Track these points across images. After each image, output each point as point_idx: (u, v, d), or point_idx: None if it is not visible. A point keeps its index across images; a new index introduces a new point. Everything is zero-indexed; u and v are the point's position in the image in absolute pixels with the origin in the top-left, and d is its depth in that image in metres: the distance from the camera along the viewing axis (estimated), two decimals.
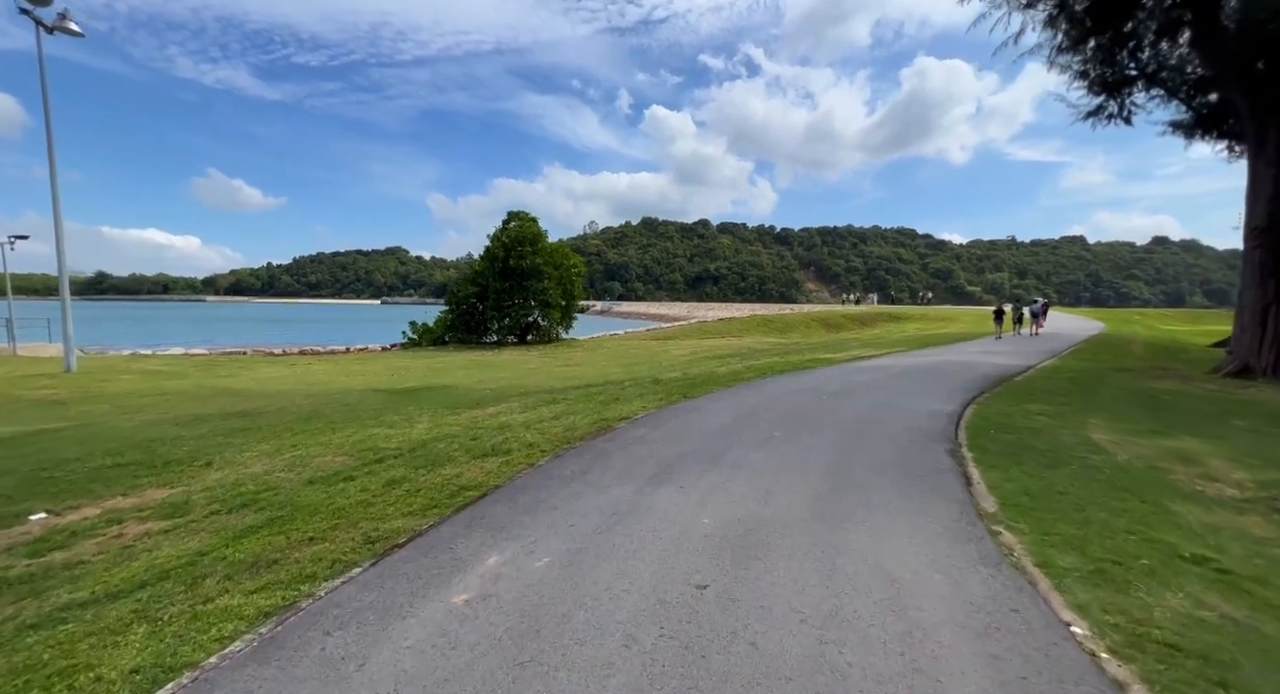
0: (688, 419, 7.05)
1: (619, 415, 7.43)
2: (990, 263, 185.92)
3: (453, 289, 26.20)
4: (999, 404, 8.39)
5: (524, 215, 26.53)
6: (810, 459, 5.16)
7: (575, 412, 8.16)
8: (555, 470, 4.92)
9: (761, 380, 10.81)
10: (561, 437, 6.29)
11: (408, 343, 25.14)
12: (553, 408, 8.84)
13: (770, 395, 8.84)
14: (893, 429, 6.50)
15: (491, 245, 25.71)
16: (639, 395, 9.47)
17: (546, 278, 25.06)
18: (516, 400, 10.22)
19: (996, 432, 6.56)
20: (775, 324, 33.67)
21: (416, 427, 7.81)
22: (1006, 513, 3.99)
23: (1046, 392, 9.62)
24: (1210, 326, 40.31)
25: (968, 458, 5.43)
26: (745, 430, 6.34)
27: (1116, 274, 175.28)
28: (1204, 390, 10.28)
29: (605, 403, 8.91)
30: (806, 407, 7.80)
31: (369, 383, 13.96)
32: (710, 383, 10.58)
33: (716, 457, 5.24)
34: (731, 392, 9.39)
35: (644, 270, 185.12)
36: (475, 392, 12.15)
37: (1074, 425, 7.06)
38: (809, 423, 6.73)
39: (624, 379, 13.07)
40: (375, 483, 4.81)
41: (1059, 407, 8.25)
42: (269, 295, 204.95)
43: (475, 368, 17.57)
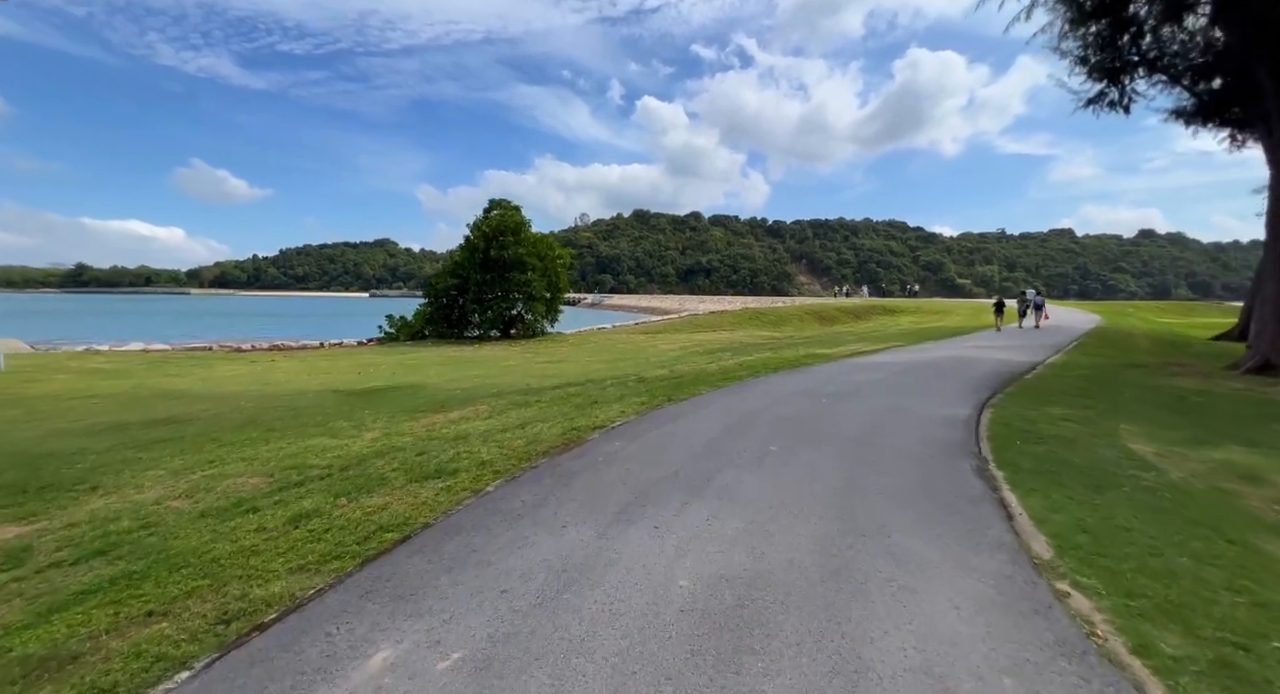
0: (671, 428, 6.15)
1: (593, 423, 6.52)
2: (980, 255, 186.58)
3: (431, 281, 25.05)
4: (1016, 407, 7.57)
5: (506, 204, 25.30)
6: (814, 484, 4.28)
7: (546, 418, 7.25)
8: (503, 501, 4.00)
9: (754, 379, 9.94)
10: (522, 452, 5.37)
11: (384, 338, 23.99)
12: (523, 412, 7.92)
13: (764, 398, 7.96)
14: (905, 441, 5.64)
15: (472, 235, 24.49)
16: (619, 398, 8.57)
17: (530, 269, 23.93)
18: (486, 403, 9.28)
19: (1023, 442, 5.72)
20: (768, 317, 32.86)
21: (364, 436, 6.86)
22: (1067, 561, 3.13)
23: (1064, 392, 8.83)
24: (1203, 319, 40.13)
25: (999, 479, 4.58)
26: (736, 444, 5.45)
27: (1104, 267, 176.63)
28: (1230, 389, 9.55)
29: (581, 407, 8.00)
30: (805, 412, 6.93)
31: (331, 382, 12.93)
32: (698, 383, 9.70)
33: (701, 481, 4.35)
34: (722, 393, 8.50)
35: (635, 263, 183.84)
36: (444, 392, 11.18)
37: (1107, 433, 6.25)
38: (809, 433, 5.85)
39: (607, 377, 12.18)
40: (278, 518, 3.86)
41: (1083, 410, 7.45)
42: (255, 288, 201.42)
43: (451, 365, 16.56)
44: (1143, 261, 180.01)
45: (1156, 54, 24.93)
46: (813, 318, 33.71)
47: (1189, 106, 26.03)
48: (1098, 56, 25.69)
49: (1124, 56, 24.94)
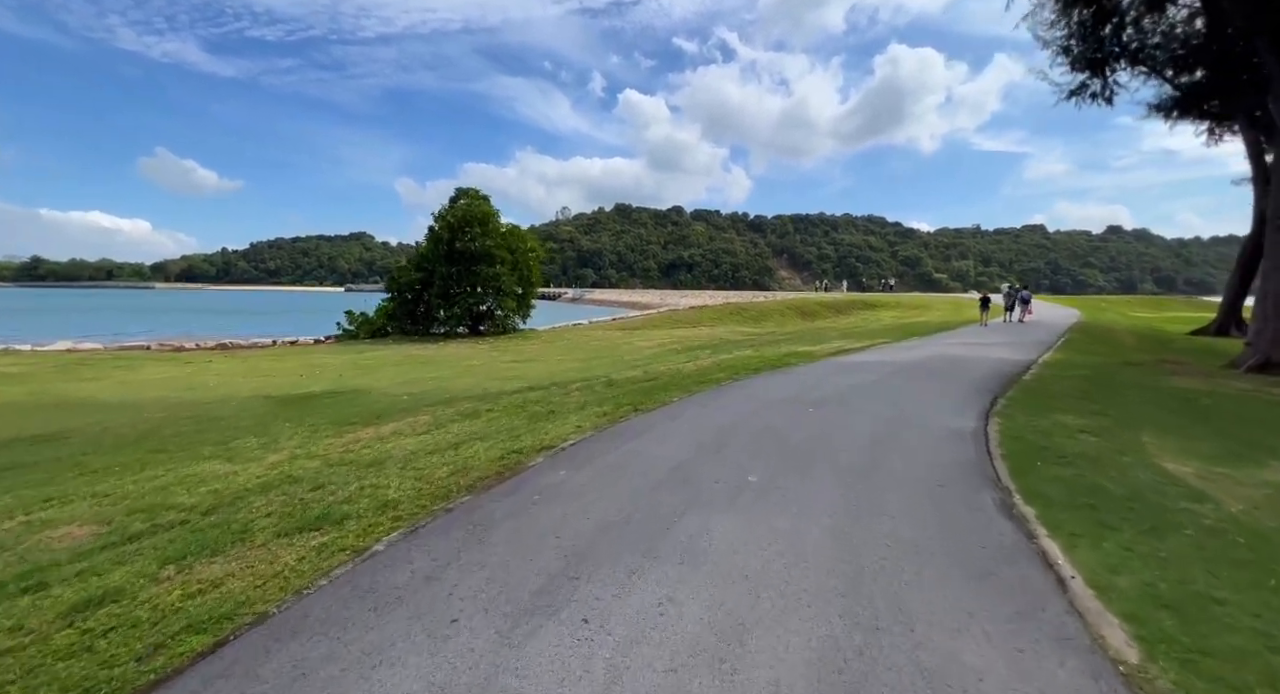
0: (632, 449, 5.13)
1: (541, 442, 5.47)
2: (956, 251, 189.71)
3: (394, 275, 23.53)
4: (1024, 415, 6.75)
5: (474, 192, 23.83)
6: (804, 535, 3.31)
7: (490, 434, 6.18)
8: (386, 571, 2.94)
9: (733, 383, 8.99)
10: (442, 485, 4.30)
11: (343, 335, 22.47)
12: (467, 425, 6.84)
13: (743, 406, 7.00)
14: (909, 464, 4.72)
15: (436, 226, 22.98)
16: (580, 406, 7.54)
17: (499, 262, 22.58)
18: (430, 412, 8.17)
19: (1044, 463, 4.86)
20: (749, 312, 32.08)
21: (266, 459, 5.71)
22: (1163, 666, 2.21)
23: (1068, 396, 8.06)
24: (1174, 313, 40.70)
25: (1031, 518, 3.67)
26: (707, 470, 4.46)
27: (1074, 262, 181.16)
28: (1237, 390, 8.93)
29: (536, 418, 6.95)
30: (790, 426, 5.98)
31: (267, 386, 11.62)
32: (672, 387, 8.72)
33: (659, 531, 3.34)
34: (696, 401, 7.52)
35: (617, 257, 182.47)
36: (389, 398, 10.01)
37: (1132, 448, 5.43)
38: (796, 455, 4.89)
39: (575, 380, 11.13)
40: (59, 604, 2.73)
41: (1095, 418, 6.66)
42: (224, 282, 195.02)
43: (408, 365, 15.30)
44: (1110, 257, 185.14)
45: (1138, 45, 24.71)
46: (794, 313, 33.05)
47: (1167, 101, 25.99)
48: (1080, 47, 25.39)
49: (1106, 47, 24.67)
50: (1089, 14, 23.93)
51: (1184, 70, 23.74)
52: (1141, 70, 24.46)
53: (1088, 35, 23.94)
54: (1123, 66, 24.54)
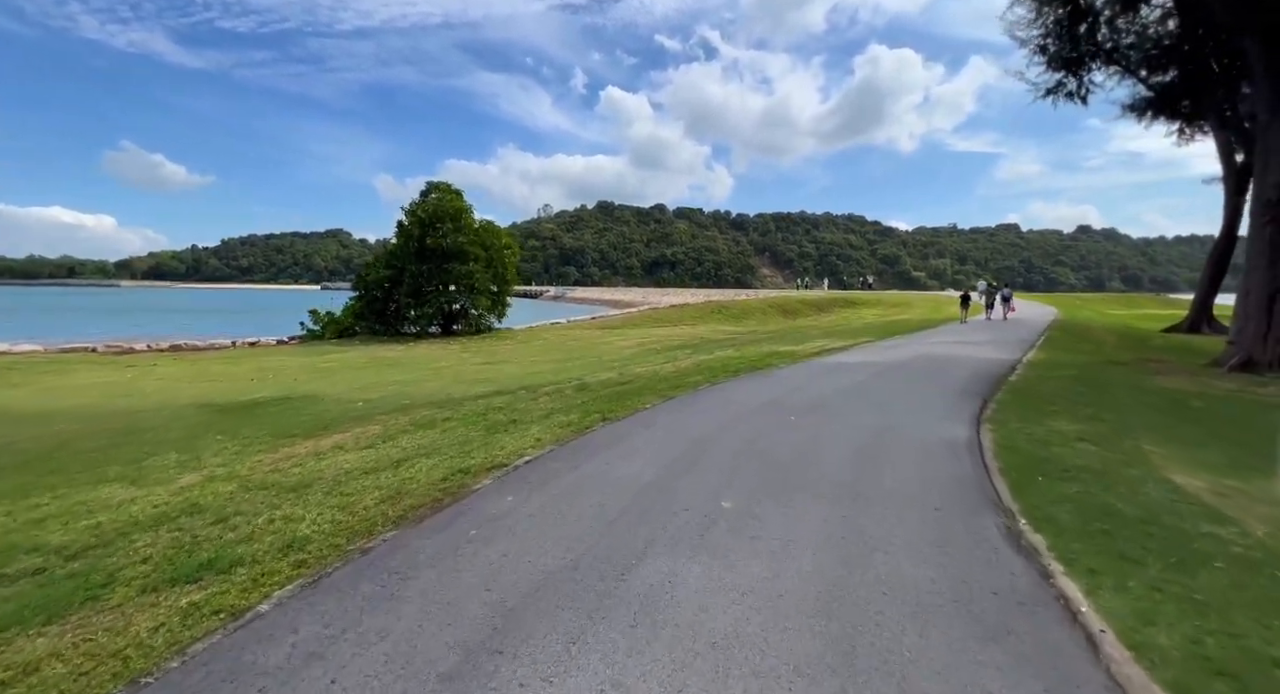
0: (594, 468, 4.56)
1: (492, 459, 4.86)
2: (934, 249, 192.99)
3: (361, 273, 22.46)
4: (1016, 420, 6.36)
5: (445, 187, 22.85)
6: (786, 583, 2.77)
7: (440, 448, 5.56)
8: (258, 647, 2.31)
9: (711, 387, 8.48)
10: (366, 517, 3.67)
11: (307, 336, 21.41)
12: (418, 438, 6.20)
13: (721, 414, 6.48)
14: (902, 483, 4.24)
15: (406, 221, 22.00)
16: (546, 415, 6.94)
17: (473, 259, 21.70)
18: (383, 421, 7.50)
19: (1047, 479, 4.42)
20: (731, 311, 31.71)
21: (176, 482, 5.01)
22: None
23: (1058, 398, 7.72)
24: (1145, 311, 41.53)
25: (1042, 550, 3.20)
26: (676, 495, 3.91)
27: (1046, 260, 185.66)
28: (1225, 391, 8.72)
29: (494, 429, 6.33)
30: (771, 437, 5.47)
31: (211, 392, 10.74)
32: (646, 392, 8.17)
33: (613, 581, 2.77)
34: (671, 408, 6.98)
35: (600, 255, 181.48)
36: (341, 405, 9.27)
37: (1135, 459, 5.05)
38: (776, 474, 4.37)
39: (546, 383, 10.52)
40: None
41: (1090, 423, 6.29)
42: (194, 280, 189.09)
43: (371, 368, 14.48)
44: (1080, 256, 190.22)
45: (1112, 45, 24.94)
46: (776, 311, 32.80)
47: (1140, 101, 26.31)
48: (1056, 46, 25.58)
49: (1081, 46, 24.86)
50: (1064, 13, 24.08)
51: (1157, 70, 24.02)
52: (1116, 70, 24.74)
53: (1063, 34, 24.09)
54: (1098, 66, 24.80)
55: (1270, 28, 9.65)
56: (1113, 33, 23.93)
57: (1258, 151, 10.42)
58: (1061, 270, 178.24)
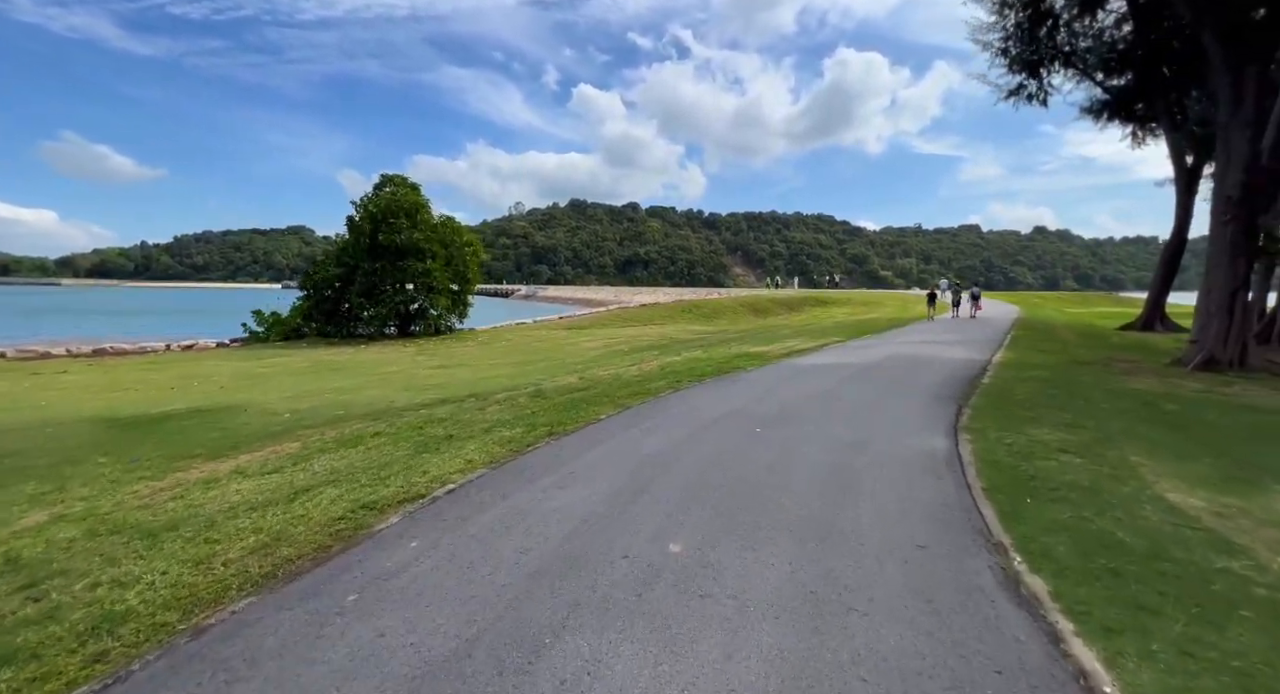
0: (521, 501, 3.88)
1: (407, 490, 4.14)
2: (900, 249, 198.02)
3: (309, 270, 21.07)
4: (994, 428, 5.95)
5: (400, 180, 21.60)
6: (742, 672, 2.16)
7: (353, 473, 4.80)
8: None
9: (674, 393, 7.89)
10: (223, 577, 2.91)
11: (249, 338, 19.94)
12: (335, 459, 5.42)
13: (680, 427, 5.88)
14: (879, 513, 3.70)
15: (357, 216, 20.70)
16: (488, 428, 6.22)
17: (430, 257, 20.55)
18: (304, 437, 6.66)
19: (1036, 501, 3.95)
20: (702, 310, 31.31)
21: (15, 523, 4.11)
22: None
23: (1033, 403, 7.40)
24: (1101, 308, 43.05)
25: (1043, 599, 2.68)
26: (616, 536, 3.27)
27: (1005, 260, 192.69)
28: (1193, 392, 8.58)
29: (423, 447, 5.59)
30: (733, 456, 4.88)
31: (118, 404, 9.59)
32: (604, 400, 7.52)
33: (517, 673, 2.11)
34: (627, 419, 6.34)
35: (573, 254, 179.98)
36: (265, 417, 8.33)
37: (1123, 471, 4.66)
38: (736, 505, 3.78)
39: (500, 388, 9.78)
40: None
41: (1070, 432, 5.93)
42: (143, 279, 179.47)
43: (312, 373, 13.40)
44: (1037, 256, 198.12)
45: (1071, 48, 25.54)
46: (747, 310, 32.56)
47: (1097, 104, 27.04)
48: (1017, 48, 26.05)
49: (1042, 49, 25.38)
50: (1025, 17, 24.54)
51: (1113, 74, 24.67)
52: (1074, 73, 25.35)
53: (1024, 38, 24.54)
54: (1057, 68, 25.38)
55: (1231, 27, 9.61)
56: (1071, 36, 24.49)
57: (1218, 150, 10.42)
58: (1020, 270, 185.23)
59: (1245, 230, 10.07)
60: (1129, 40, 23.04)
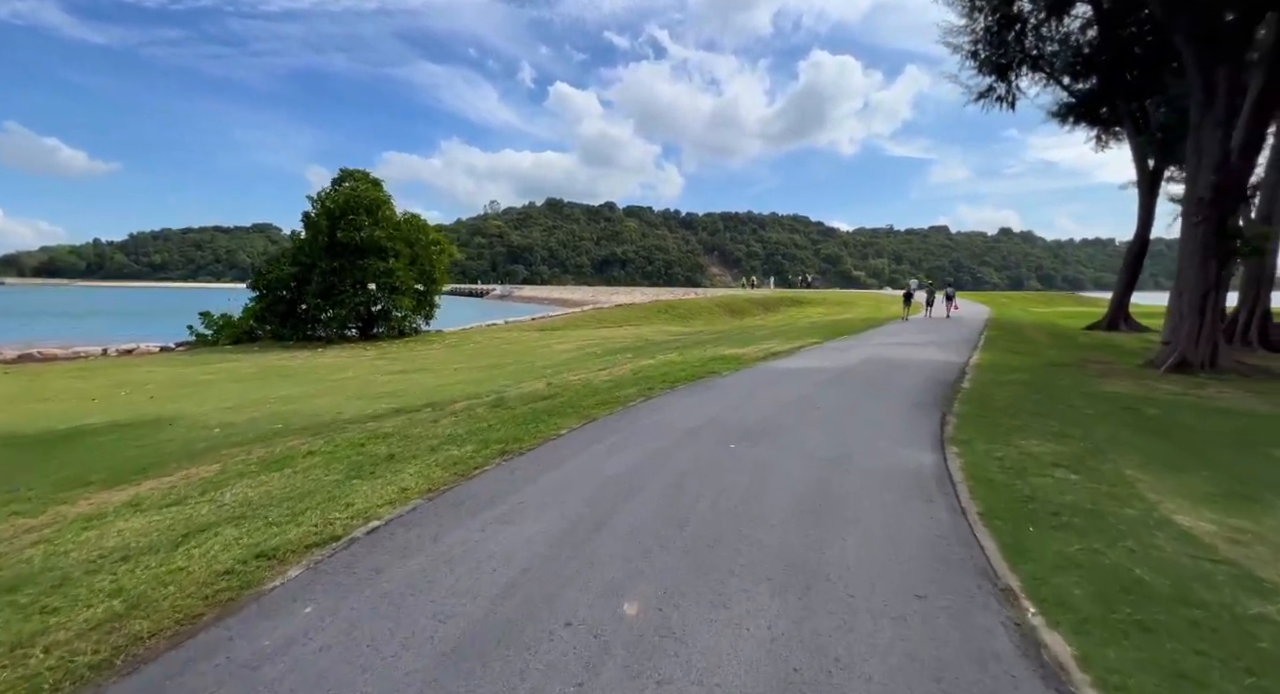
0: (455, 543, 3.29)
1: (320, 530, 3.50)
2: (873, 249, 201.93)
3: (261, 270, 19.79)
4: (981, 439, 5.59)
5: (361, 174, 20.46)
6: None
7: (265, 506, 4.13)
8: None
9: (645, 402, 7.37)
10: (32, 675, 2.25)
11: (197, 341, 18.65)
12: (254, 485, 4.73)
13: (649, 442, 5.35)
14: (868, 550, 3.23)
15: (313, 213, 19.53)
16: (437, 445, 5.60)
17: (393, 256, 19.54)
18: (225, 459, 5.92)
19: (1039, 529, 3.55)
20: (678, 310, 30.91)
21: None
22: None
23: (1016, 408, 7.11)
24: (1065, 308, 44.25)
25: (1072, 669, 2.23)
26: (562, 594, 2.70)
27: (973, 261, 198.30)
28: (1170, 395, 8.45)
29: (356, 471, 4.93)
30: (704, 479, 4.37)
31: (27, 418, 8.59)
32: (568, 410, 6.96)
33: None
34: (591, 433, 5.79)
35: (549, 253, 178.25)
36: (190, 434, 7.50)
37: (1122, 488, 4.31)
38: (707, 545, 3.26)
39: (459, 397, 9.13)
40: None
41: (1059, 442, 5.61)
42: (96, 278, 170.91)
43: (259, 380, 12.45)
44: (1002, 257, 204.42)
45: (1038, 52, 25.99)
46: (723, 311, 32.30)
47: (1063, 107, 27.62)
48: (987, 51, 26.39)
49: (1010, 53, 25.76)
50: (994, 20, 24.88)
51: (1079, 77, 25.19)
52: (1042, 76, 25.81)
53: (993, 41, 24.89)
54: (1025, 72, 25.82)
55: (1203, 27, 9.56)
56: (1038, 40, 24.92)
57: (1189, 151, 10.39)
58: (986, 270, 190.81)
59: (1216, 231, 10.05)
60: (1094, 45, 23.53)
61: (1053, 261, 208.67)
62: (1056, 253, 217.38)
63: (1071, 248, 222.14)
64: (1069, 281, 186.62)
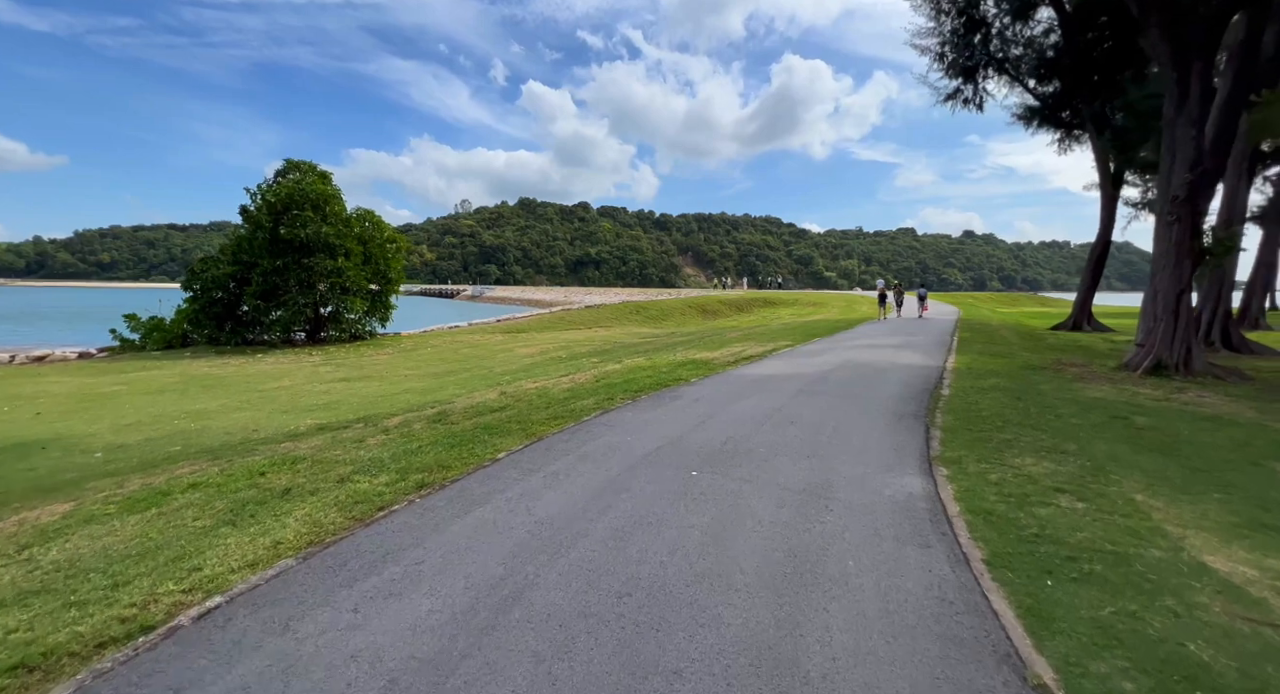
0: (305, 639, 2.43)
1: (131, 618, 2.60)
2: (843, 250, 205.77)
3: (193, 268, 18.09)
4: (972, 458, 5.00)
5: (307, 167, 18.93)
6: None
7: (88, 570, 3.21)
8: None
9: (602, 415, 6.60)
10: None
11: (122, 346, 16.98)
12: (93, 536, 3.80)
13: (598, 470, 4.57)
14: (855, 620, 2.51)
15: (254, 207, 17.96)
16: (347, 475, 4.70)
17: (344, 254, 18.19)
18: (88, 494, 4.91)
19: (1055, 581, 2.90)
20: (650, 312, 30.20)
21: None
22: None
23: (1002, 419, 6.59)
24: (1027, 308, 45.34)
25: None
26: None
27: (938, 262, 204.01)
28: (1152, 401, 8.11)
29: (238, 510, 4.02)
30: (659, 521, 3.61)
31: None
32: (513, 428, 6.13)
33: None
34: (532, 457, 4.97)
35: (522, 253, 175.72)
36: (60, 461, 6.37)
37: (1138, 521, 3.72)
38: (652, 621, 2.49)
39: (400, 410, 8.21)
40: None
41: (1055, 458, 5.07)
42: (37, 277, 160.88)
43: (177, 392, 11.15)
44: (966, 258, 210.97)
45: (1003, 55, 26.31)
46: (695, 312, 31.75)
47: (1026, 111, 28.03)
48: (954, 54, 26.58)
49: (976, 55, 26.00)
50: (960, 23, 25.04)
51: (1043, 80, 25.57)
52: (1007, 79, 26.12)
53: (960, 43, 25.09)
54: (991, 75, 26.12)
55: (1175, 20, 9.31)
56: (1003, 44, 25.22)
57: (1164, 148, 10.17)
58: (951, 271, 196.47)
59: (1191, 230, 9.84)
60: (1057, 48, 23.89)
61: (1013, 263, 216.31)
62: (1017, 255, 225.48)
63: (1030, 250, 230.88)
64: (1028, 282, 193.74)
